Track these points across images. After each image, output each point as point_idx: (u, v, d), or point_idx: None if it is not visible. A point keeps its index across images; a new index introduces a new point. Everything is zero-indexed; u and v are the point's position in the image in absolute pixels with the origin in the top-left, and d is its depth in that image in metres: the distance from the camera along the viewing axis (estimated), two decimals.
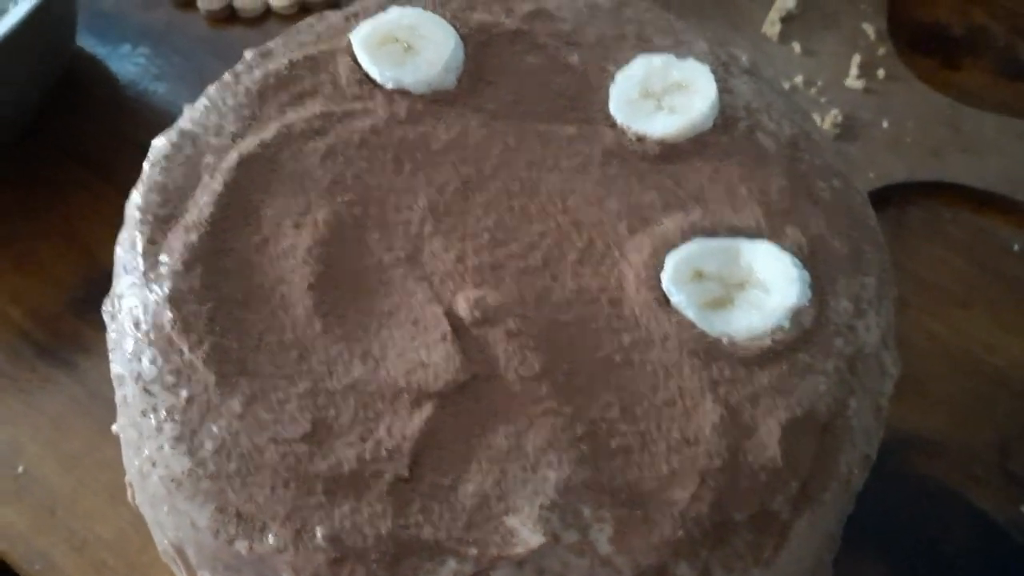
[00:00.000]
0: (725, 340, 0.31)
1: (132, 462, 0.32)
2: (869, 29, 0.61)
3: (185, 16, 0.66)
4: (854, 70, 0.59)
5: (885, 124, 0.57)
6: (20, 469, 0.47)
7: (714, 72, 0.36)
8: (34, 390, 0.50)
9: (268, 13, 0.66)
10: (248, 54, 0.38)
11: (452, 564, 0.27)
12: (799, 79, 0.59)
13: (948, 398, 0.47)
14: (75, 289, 0.53)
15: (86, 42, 0.65)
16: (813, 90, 0.59)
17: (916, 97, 0.58)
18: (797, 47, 0.61)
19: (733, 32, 0.61)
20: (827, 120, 0.57)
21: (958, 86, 0.60)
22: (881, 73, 0.59)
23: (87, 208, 0.56)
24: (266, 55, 0.38)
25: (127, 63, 0.64)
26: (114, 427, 0.37)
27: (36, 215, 0.56)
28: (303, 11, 0.66)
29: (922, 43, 0.62)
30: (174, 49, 0.64)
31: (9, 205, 0.56)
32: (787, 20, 0.62)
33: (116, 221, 0.55)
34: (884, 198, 0.54)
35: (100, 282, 0.53)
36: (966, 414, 0.46)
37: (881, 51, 0.61)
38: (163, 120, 0.61)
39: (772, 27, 0.62)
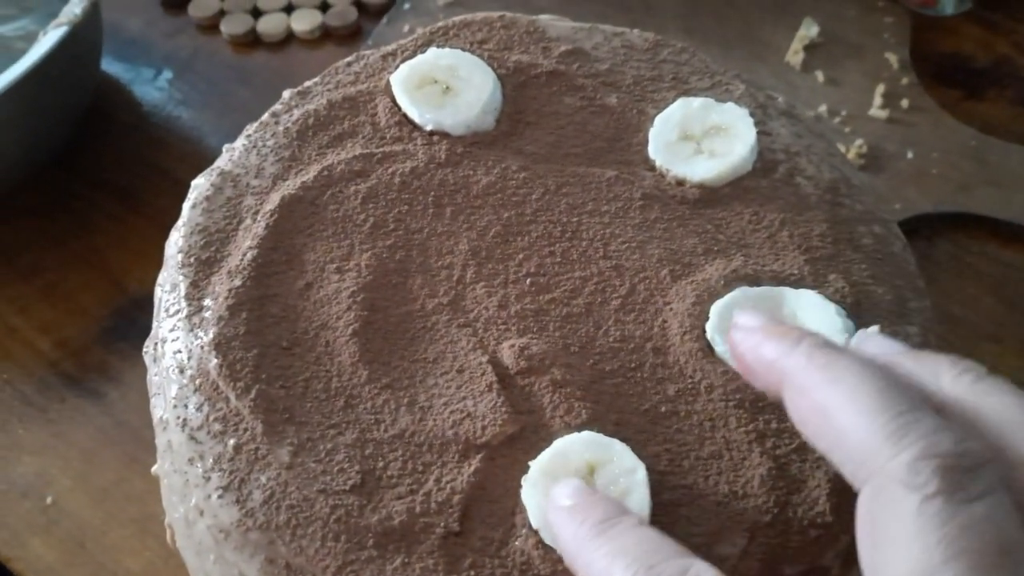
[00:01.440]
0: None
1: (176, 508, 0.32)
2: (892, 59, 0.62)
3: (209, 41, 0.67)
4: (878, 100, 0.59)
5: (910, 155, 0.57)
6: (49, 500, 0.47)
7: (752, 114, 0.36)
8: (63, 421, 0.50)
9: (291, 38, 0.66)
10: (286, 94, 0.38)
11: None
12: (823, 108, 0.59)
13: None
14: (103, 319, 0.53)
15: (111, 68, 0.65)
16: (837, 120, 0.59)
17: (941, 128, 0.58)
18: (820, 76, 0.61)
19: (756, 62, 0.62)
20: (852, 150, 0.57)
21: (982, 117, 0.60)
22: (905, 103, 0.59)
23: (114, 237, 0.57)
24: (304, 95, 0.38)
25: (151, 89, 0.64)
26: (154, 469, 0.37)
27: (63, 245, 0.56)
28: (326, 36, 0.66)
29: (946, 74, 0.62)
30: (198, 74, 0.65)
31: (36, 235, 0.56)
32: (810, 49, 0.62)
33: (143, 250, 0.55)
34: (910, 230, 0.54)
35: (128, 311, 0.54)
36: None
37: (905, 81, 0.61)
38: (188, 148, 0.62)
39: (795, 56, 0.62)
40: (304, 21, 0.66)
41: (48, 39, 0.50)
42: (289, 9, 0.67)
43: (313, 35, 0.66)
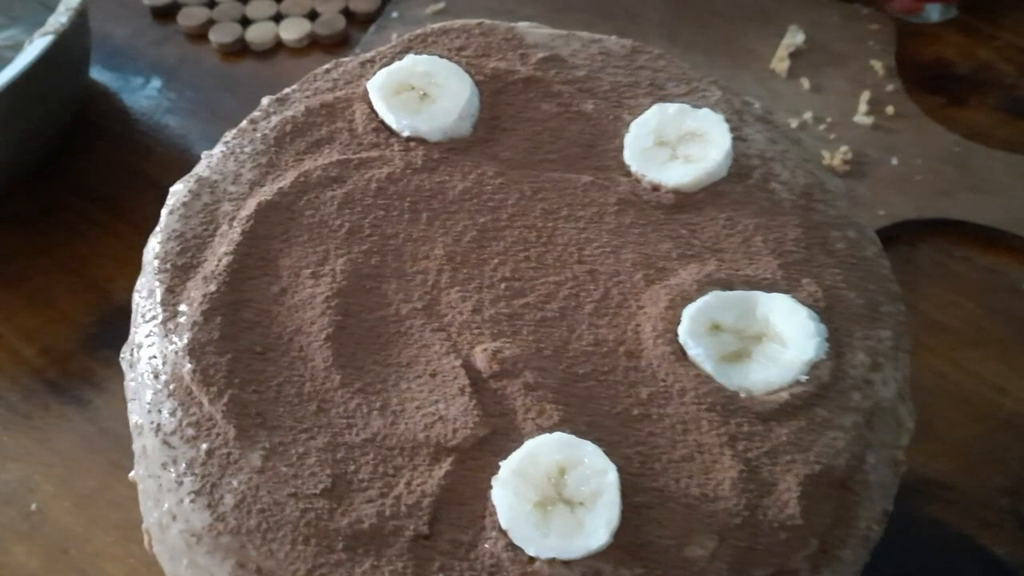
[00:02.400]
0: (743, 394, 0.31)
1: (151, 513, 0.32)
2: (877, 65, 0.62)
3: (197, 49, 0.67)
4: (863, 106, 0.60)
5: (894, 161, 0.57)
6: (33, 507, 0.47)
7: (728, 120, 0.37)
8: (47, 427, 0.50)
9: (279, 47, 0.67)
10: (265, 100, 0.38)
11: None
12: (808, 115, 0.60)
13: (959, 441, 0.47)
14: (88, 326, 0.54)
15: (100, 76, 0.65)
16: (822, 126, 0.59)
17: (924, 134, 0.58)
18: (806, 83, 0.61)
19: (741, 69, 0.62)
20: (836, 157, 0.57)
21: (964, 123, 0.60)
22: (890, 110, 0.60)
23: (99, 245, 0.57)
24: (283, 101, 0.38)
25: (139, 97, 0.65)
26: (131, 475, 0.37)
27: (48, 253, 0.56)
28: (314, 45, 0.67)
29: (929, 81, 0.63)
30: (186, 82, 0.65)
31: (21, 243, 0.57)
32: (795, 56, 0.63)
33: (129, 258, 0.55)
34: (893, 236, 0.55)
35: (113, 319, 0.54)
36: (977, 457, 0.46)
37: (889, 88, 0.61)
38: (175, 156, 0.62)
39: (780, 63, 0.62)
40: (292, 30, 0.66)
41: (33, 48, 0.50)
42: (277, 18, 0.67)
43: (301, 44, 0.66)
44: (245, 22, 0.67)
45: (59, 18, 0.51)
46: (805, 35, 0.63)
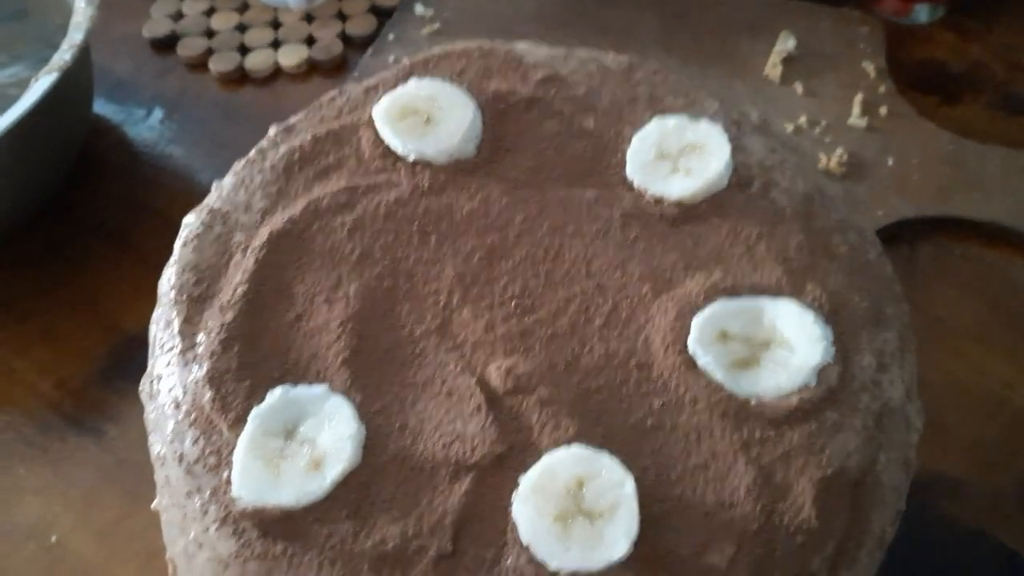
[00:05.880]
0: (753, 400, 0.31)
1: (176, 542, 0.33)
2: (869, 67, 0.63)
3: (198, 79, 0.68)
4: (856, 109, 0.60)
5: (890, 162, 0.58)
6: (53, 539, 0.47)
7: (727, 131, 0.37)
8: (64, 460, 0.50)
9: (278, 73, 0.68)
10: (272, 130, 0.39)
11: None
12: (803, 120, 0.60)
13: (968, 437, 0.47)
14: (100, 359, 0.54)
15: (102, 109, 0.66)
16: (817, 130, 0.60)
17: (919, 134, 0.59)
18: (799, 88, 0.62)
19: (735, 78, 0.63)
20: (833, 160, 0.58)
21: (958, 121, 0.61)
22: (884, 111, 0.60)
23: (108, 277, 0.57)
24: (289, 131, 0.39)
25: (143, 128, 0.65)
26: (154, 505, 0.37)
27: (58, 288, 0.57)
28: (312, 70, 0.68)
29: (922, 81, 0.63)
30: (188, 113, 0.66)
31: (31, 282, 0.57)
32: (788, 62, 0.63)
33: (137, 290, 0.56)
34: (893, 236, 0.55)
35: (125, 350, 0.54)
36: (987, 453, 0.47)
37: (882, 89, 0.62)
38: (180, 186, 0.62)
39: (774, 69, 0.63)
40: (291, 56, 0.67)
41: (39, 86, 0.51)
42: (276, 45, 0.68)
43: (300, 69, 0.67)
44: (244, 50, 0.68)
45: (63, 55, 0.52)
46: (797, 40, 0.64)
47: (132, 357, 0.54)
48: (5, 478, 0.49)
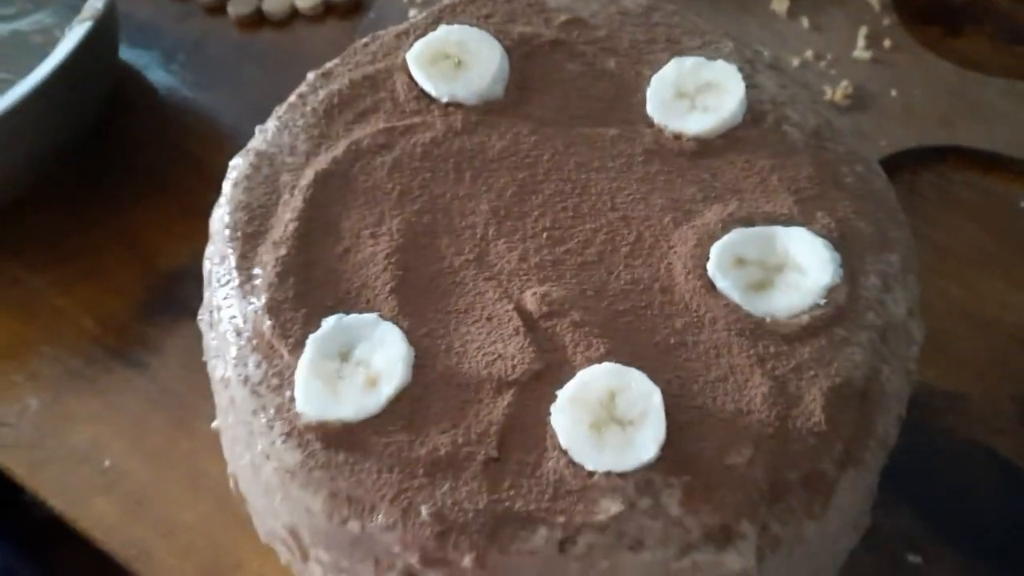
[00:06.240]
0: (768, 319, 0.34)
1: (242, 456, 0.36)
2: (873, 1, 0.64)
3: (217, 23, 0.69)
4: (861, 42, 0.62)
5: (894, 93, 0.60)
6: (107, 463, 0.50)
7: (741, 70, 0.39)
8: (112, 391, 0.53)
9: (295, 15, 0.69)
10: (311, 75, 0.41)
11: (543, 531, 0.30)
12: (809, 54, 0.62)
13: (967, 355, 0.50)
14: (139, 294, 0.56)
15: (125, 55, 0.67)
16: (823, 63, 0.61)
17: (922, 66, 0.61)
18: (806, 22, 0.63)
19: (744, 13, 0.64)
20: (838, 92, 0.60)
21: (961, 52, 0.63)
22: (887, 44, 0.62)
23: (143, 217, 0.59)
24: (327, 76, 0.41)
25: (165, 73, 0.67)
26: (214, 424, 0.40)
27: (96, 228, 0.59)
28: (328, 11, 0.69)
29: (925, 12, 0.65)
30: (208, 56, 0.67)
31: (72, 220, 0.59)
32: None
33: (170, 227, 0.58)
34: (896, 165, 0.57)
35: (162, 286, 0.57)
36: (985, 369, 0.50)
37: (886, 22, 0.63)
38: (206, 127, 0.64)
39: (781, 5, 0.64)
40: None
41: (74, 35, 0.52)
42: None
43: (316, 11, 0.68)
44: None
45: (95, 4, 0.54)
46: None
47: (168, 293, 0.56)
48: (57, 407, 0.52)
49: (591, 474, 0.31)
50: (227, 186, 0.39)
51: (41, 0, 0.66)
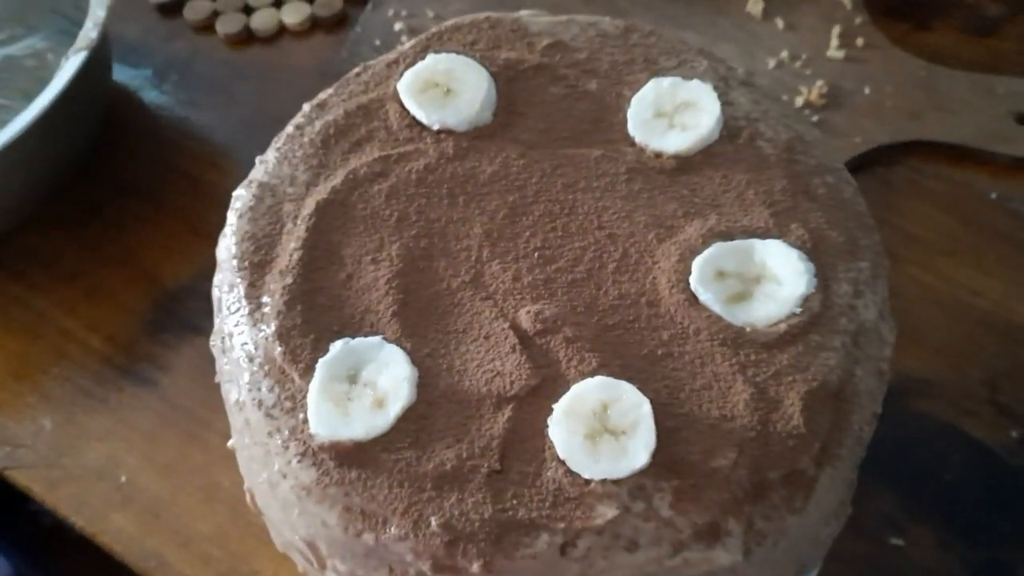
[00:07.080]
0: (748, 328, 0.36)
1: (259, 474, 0.38)
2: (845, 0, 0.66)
3: (205, 41, 0.71)
4: (834, 41, 0.64)
5: (867, 91, 0.62)
6: (123, 479, 0.52)
7: (716, 88, 0.41)
8: (123, 408, 0.54)
9: (282, 31, 0.70)
10: (306, 107, 0.43)
11: (545, 537, 0.33)
12: (784, 54, 0.64)
13: (939, 341, 0.52)
14: (145, 313, 0.58)
15: (116, 76, 0.68)
16: (798, 63, 0.64)
17: (893, 62, 0.63)
18: (780, 23, 0.65)
19: (720, 15, 0.66)
20: (813, 92, 0.62)
21: (931, 47, 0.65)
22: (860, 41, 0.64)
23: (141, 235, 0.61)
24: (322, 106, 0.43)
25: (156, 92, 0.68)
26: (230, 443, 0.42)
27: (98, 248, 0.60)
28: (315, 27, 0.70)
29: (894, 8, 0.67)
30: (199, 74, 0.69)
31: (73, 242, 0.61)
32: None
33: (171, 245, 0.60)
34: (871, 160, 0.60)
35: (166, 304, 0.58)
36: (957, 354, 0.52)
37: (858, 20, 0.65)
38: (198, 145, 0.66)
39: (755, 6, 0.66)
40: (294, 14, 0.70)
41: (70, 65, 0.54)
42: (279, 4, 0.71)
43: (303, 26, 0.70)
44: (248, 10, 0.71)
45: (89, 33, 0.55)
46: None
47: (173, 310, 0.58)
48: (71, 427, 0.54)
49: (588, 482, 0.33)
50: (232, 216, 0.41)
51: (32, 25, 0.67)
